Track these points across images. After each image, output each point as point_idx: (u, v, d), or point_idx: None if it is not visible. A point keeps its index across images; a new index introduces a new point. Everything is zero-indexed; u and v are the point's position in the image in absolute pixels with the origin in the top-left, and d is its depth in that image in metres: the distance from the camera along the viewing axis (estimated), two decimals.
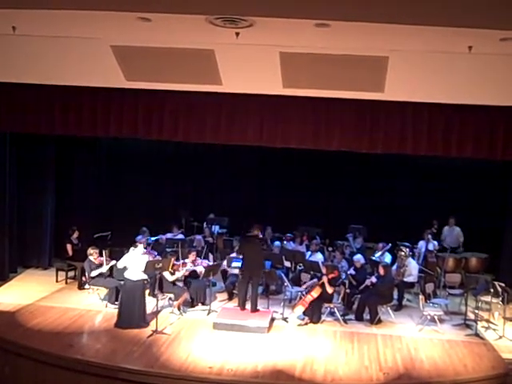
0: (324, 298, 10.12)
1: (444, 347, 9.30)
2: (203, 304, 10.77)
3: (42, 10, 6.76)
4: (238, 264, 10.92)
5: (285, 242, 12.77)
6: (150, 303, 10.11)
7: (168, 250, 11.89)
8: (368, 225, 13.36)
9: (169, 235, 13.04)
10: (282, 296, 10.86)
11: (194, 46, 8.29)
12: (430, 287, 10.73)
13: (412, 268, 11.13)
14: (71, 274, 12.25)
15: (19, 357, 8.58)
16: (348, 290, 10.55)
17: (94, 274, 10.77)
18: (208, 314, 10.38)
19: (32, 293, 11.28)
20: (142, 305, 9.68)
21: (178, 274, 10.48)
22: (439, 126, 9.67)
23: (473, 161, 10.94)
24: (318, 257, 11.61)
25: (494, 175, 13.21)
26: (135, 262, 9.60)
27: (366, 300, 10.39)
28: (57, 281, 12.15)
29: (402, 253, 11.06)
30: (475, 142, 9.64)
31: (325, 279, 10.12)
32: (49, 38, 8.37)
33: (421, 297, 10.28)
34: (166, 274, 10.26)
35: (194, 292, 10.77)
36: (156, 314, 9.57)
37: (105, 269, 10.83)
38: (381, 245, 11.89)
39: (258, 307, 10.30)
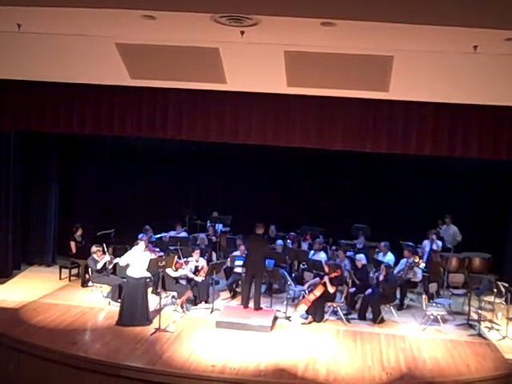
0: (327, 296, 10.13)
1: (447, 347, 9.30)
2: (206, 302, 10.79)
3: (46, 7, 6.76)
4: (242, 262, 10.93)
5: (288, 241, 12.78)
6: (153, 301, 10.13)
7: (171, 247, 11.91)
8: (372, 224, 13.34)
9: (172, 233, 13.06)
10: (285, 295, 10.88)
11: (198, 44, 8.28)
12: (433, 287, 10.73)
13: (418, 271, 11.10)
14: (74, 271, 12.30)
15: (22, 354, 8.60)
16: (352, 290, 10.55)
17: (99, 266, 10.78)
18: (211, 312, 10.39)
19: (35, 290, 11.32)
20: (144, 303, 9.69)
21: (182, 272, 10.48)
22: (444, 125, 9.64)
23: (477, 160, 10.91)
24: (321, 256, 11.61)
25: (498, 175, 13.19)
26: (137, 259, 9.62)
27: (368, 299, 10.40)
28: (60, 278, 12.18)
29: (416, 260, 10.99)
30: (480, 142, 9.61)
31: (326, 278, 10.13)
32: (53, 35, 8.37)
33: (424, 296, 10.28)
34: (169, 270, 10.26)
35: (197, 290, 10.78)
36: (159, 311, 9.59)
37: (108, 258, 10.83)
38: (383, 244, 11.88)
39: (261, 306, 10.32)
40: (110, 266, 11.00)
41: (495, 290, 9.93)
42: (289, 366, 8.30)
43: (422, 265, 11.11)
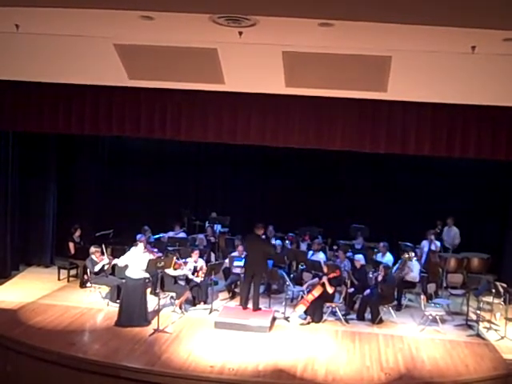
0: (325, 297, 10.12)
1: (445, 347, 9.30)
2: (205, 303, 10.77)
3: (44, 8, 6.76)
4: (240, 263, 10.94)
5: (286, 242, 12.78)
6: (152, 302, 10.12)
7: (170, 248, 11.90)
8: (370, 224, 13.34)
9: (170, 234, 13.06)
10: (284, 295, 10.87)
11: (197, 44, 8.30)
12: (431, 287, 10.73)
13: (412, 267, 11.10)
14: (73, 272, 12.28)
15: (21, 355, 8.58)
16: (351, 290, 10.55)
17: (97, 268, 10.77)
18: (210, 312, 10.38)
19: (34, 291, 11.30)
20: (143, 303, 9.68)
21: (181, 272, 10.47)
22: (442, 126, 9.67)
23: (475, 160, 10.93)
24: (320, 256, 11.61)
25: (496, 175, 13.19)
26: (136, 260, 9.61)
27: (367, 300, 10.39)
28: (59, 279, 12.16)
29: (406, 255, 11.01)
30: (478, 143, 9.63)
31: (325, 279, 10.13)
32: (52, 36, 8.38)
33: (422, 297, 10.27)
34: (168, 270, 10.25)
35: (196, 291, 10.77)
36: (157, 312, 9.57)
37: (106, 261, 10.83)
38: (381, 244, 11.90)
39: (259, 306, 10.31)
40: (108, 267, 10.97)
41: (494, 291, 9.95)
42: (287, 367, 8.30)
43: (412, 254, 11.08)
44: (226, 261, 11.49)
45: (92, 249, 10.93)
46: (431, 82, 8.74)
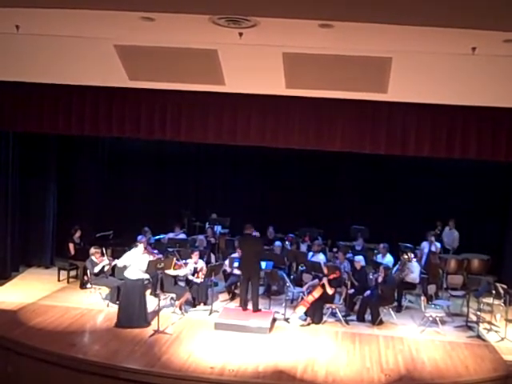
0: (325, 298, 10.12)
1: (446, 349, 9.29)
2: (205, 304, 10.77)
3: (45, 9, 6.76)
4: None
5: (286, 243, 12.77)
6: (152, 303, 10.12)
7: (170, 249, 11.90)
8: (370, 226, 13.34)
9: (171, 235, 13.05)
10: (284, 296, 10.86)
11: (197, 45, 8.29)
12: (432, 288, 10.72)
13: (413, 268, 11.10)
14: (73, 273, 12.27)
15: (21, 356, 8.57)
16: (351, 291, 10.55)
17: (97, 269, 10.77)
18: (210, 314, 10.37)
19: (34, 292, 11.30)
20: (142, 304, 9.66)
21: (181, 272, 10.46)
22: (442, 127, 9.67)
23: (475, 161, 10.93)
24: (320, 257, 11.60)
25: (496, 175, 13.19)
26: (135, 261, 9.59)
27: (367, 301, 10.39)
28: (59, 280, 12.15)
29: (406, 256, 11.01)
30: (478, 144, 9.63)
31: (325, 280, 10.12)
32: (52, 37, 8.38)
33: (423, 298, 10.27)
34: (168, 270, 10.24)
35: (196, 292, 10.77)
36: (157, 313, 9.56)
37: (106, 262, 10.83)
38: (381, 245, 11.90)
39: (259, 307, 10.31)
40: (108, 268, 10.97)
41: (494, 292, 9.95)
42: (287, 368, 8.29)
43: (412, 255, 11.08)
44: (226, 262, 11.49)
45: (92, 250, 10.94)
46: (431, 83, 8.74)
